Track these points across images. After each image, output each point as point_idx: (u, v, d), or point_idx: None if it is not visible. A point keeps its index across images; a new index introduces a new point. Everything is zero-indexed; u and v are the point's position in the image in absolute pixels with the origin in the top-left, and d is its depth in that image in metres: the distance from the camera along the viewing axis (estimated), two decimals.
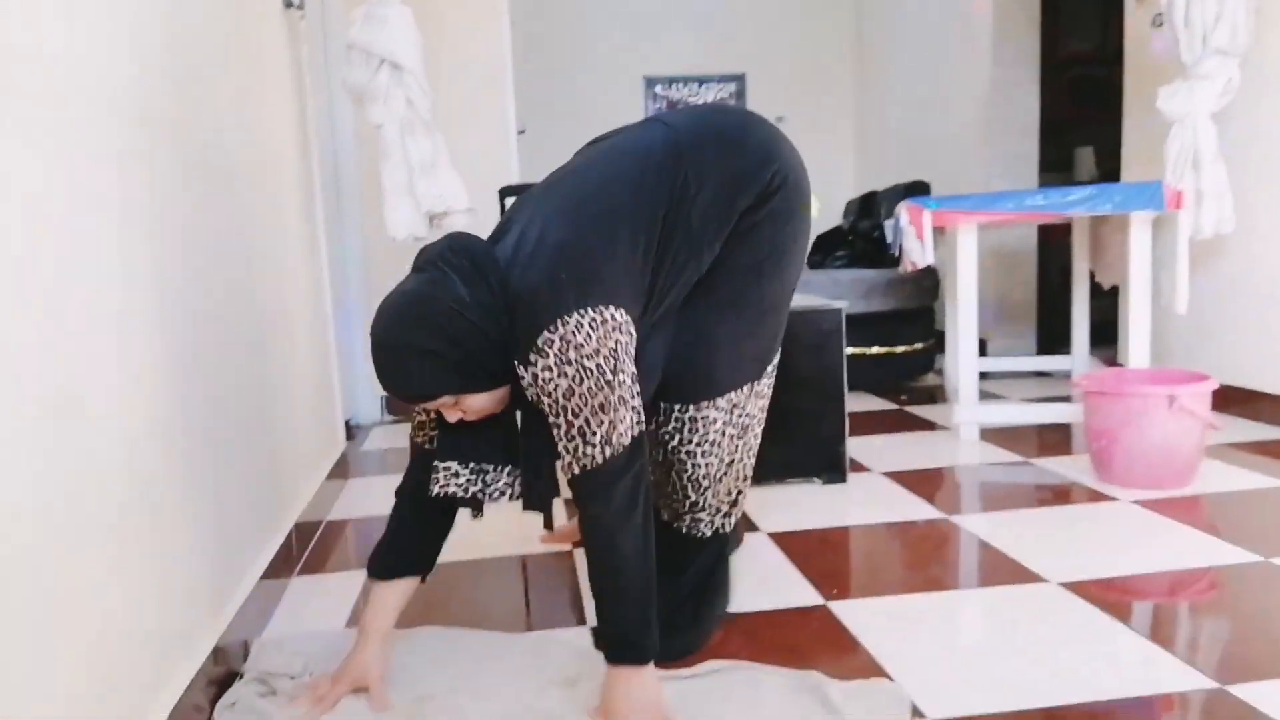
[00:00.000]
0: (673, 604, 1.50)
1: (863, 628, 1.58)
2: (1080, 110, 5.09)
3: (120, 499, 1.13)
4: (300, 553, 2.04)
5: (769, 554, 1.97)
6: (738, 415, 1.50)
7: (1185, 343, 3.29)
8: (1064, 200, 2.68)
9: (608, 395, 1.22)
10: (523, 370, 1.24)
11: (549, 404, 1.23)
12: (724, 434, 1.50)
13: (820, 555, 1.96)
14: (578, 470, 1.25)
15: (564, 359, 1.20)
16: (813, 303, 2.51)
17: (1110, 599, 1.66)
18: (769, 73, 6.28)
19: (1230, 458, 2.57)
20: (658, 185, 1.35)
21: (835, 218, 5.13)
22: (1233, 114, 2.91)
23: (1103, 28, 5.11)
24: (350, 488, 2.75)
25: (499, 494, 1.38)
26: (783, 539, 2.06)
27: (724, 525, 1.63)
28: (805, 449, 2.50)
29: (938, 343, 4.11)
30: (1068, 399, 3.35)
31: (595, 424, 1.22)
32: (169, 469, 1.30)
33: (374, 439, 3.46)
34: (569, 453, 1.24)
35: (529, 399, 1.29)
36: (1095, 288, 3.50)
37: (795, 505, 2.31)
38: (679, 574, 1.58)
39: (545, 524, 1.57)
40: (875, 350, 3.96)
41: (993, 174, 4.45)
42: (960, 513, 2.22)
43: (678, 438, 1.49)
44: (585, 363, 1.21)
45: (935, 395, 3.82)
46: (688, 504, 1.57)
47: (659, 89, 6.22)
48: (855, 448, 2.81)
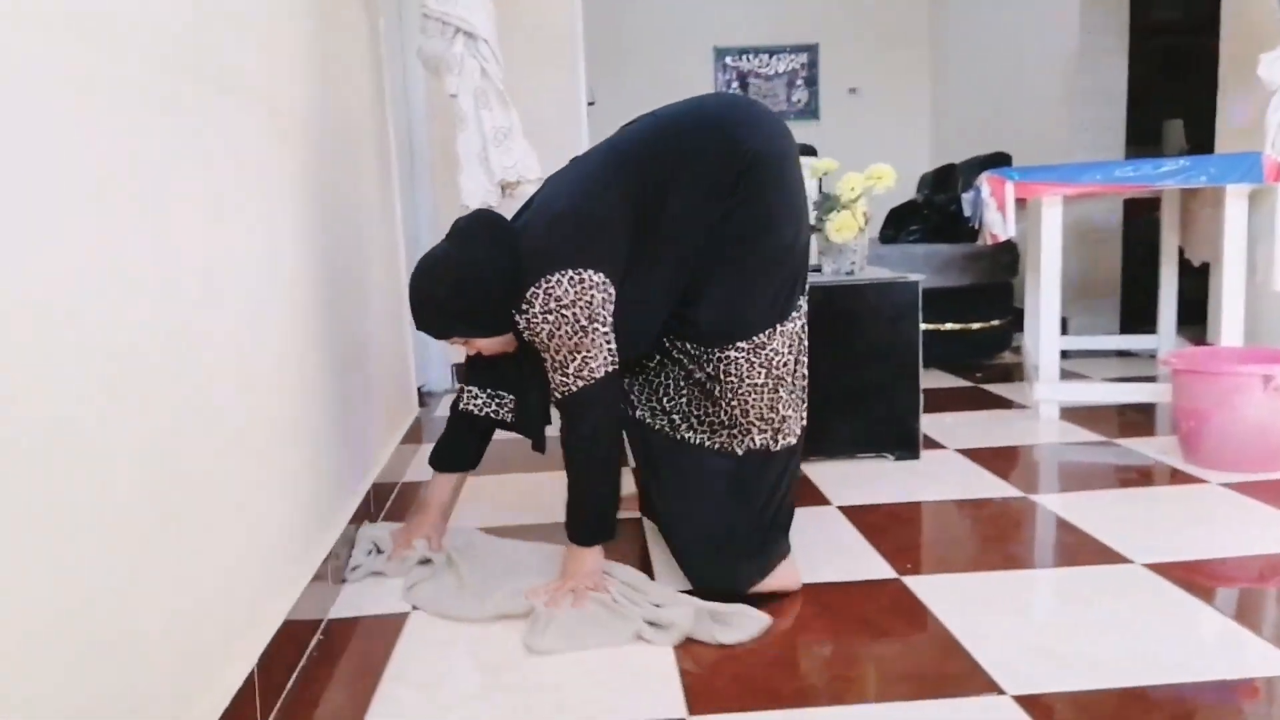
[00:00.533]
0: (741, 530, 1.64)
1: (937, 603, 1.56)
2: (1170, 80, 4.88)
3: (249, 447, 1.17)
4: (377, 512, 2.09)
5: (840, 528, 1.95)
6: (763, 354, 1.64)
7: (1279, 321, 3.15)
8: (1156, 172, 2.58)
9: (581, 339, 1.54)
10: (518, 316, 1.56)
11: (538, 344, 1.57)
12: (752, 367, 1.64)
13: (893, 530, 1.93)
14: (559, 396, 1.59)
15: (546, 308, 1.53)
16: (888, 276, 2.47)
17: (1197, 582, 1.60)
18: (842, 42, 6.15)
19: None
20: (632, 180, 1.61)
21: (909, 191, 5.02)
22: None
23: None
24: (423, 451, 2.80)
25: (510, 416, 1.83)
26: (854, 513, 2.04)
27: (770, 444, 1.68)
28: (878, 424, 2.46)
29: (1015, 320, 4.01)
30: (1152, 379, 3.24)
31: (571, 360, 1.55)
32: (275, 429, 1.34)
33: (444, 405, 3.51)
34: (554, 383, 1.59)
35: (525, 341, 1.61)
36: (1182, 265, 3.37)
37: (867, 481, 2.28)
38: (746, 498, 1.67)
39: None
40: (950, 326, 3.87)
41: (1076, 146, 4.30)
42: (1039, 492, 2.17)
43: (709, 373, 1.67)
44: (563, 312, 1.52)
45: (1012, 373, 3.73)
46: (736, 429, 1.67)
47: (729, 59, 6.14)
48: (928, 425, 2.76)
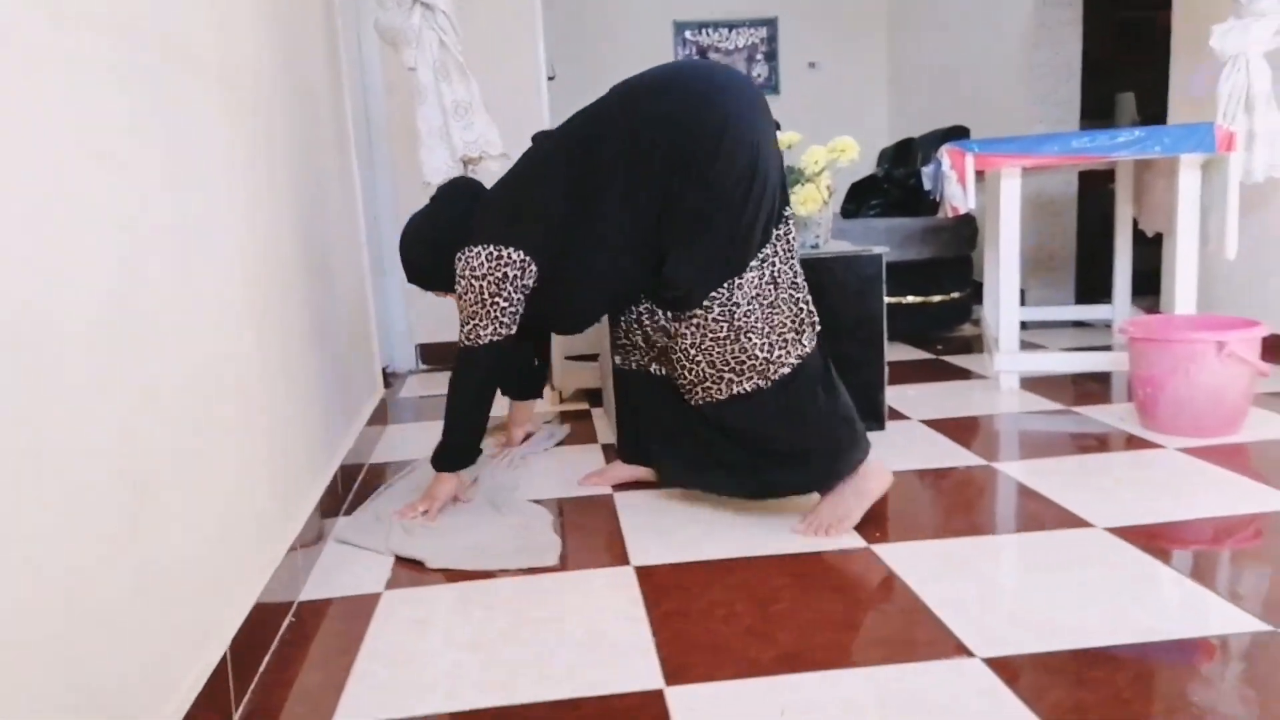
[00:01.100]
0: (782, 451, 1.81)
1: (907, 570, 1.58)
2: (1123, 53, 4.94)
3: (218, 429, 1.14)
4: (345, 493, 2.07)
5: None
6: (725, 307, 1.75)
7: (1231, 290, 3.23)
8: (1112, 142, 2.62)
9: (478, 309, 1.79)
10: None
11: (456, 301, 1.85)
12: (718, 321, 1.75)
13: None
14: (459, 346, 1.85)
15: (461, 274, 1.80)
16: (852, 249, 2.48)
17: (1157, 544, 1.64)
18: (801, 16, 6.14)
19: (1278, 406, 2.53)
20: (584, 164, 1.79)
21: (869, 166, 5.05)
22: None
23: None
24: (388, 433, 2.78)
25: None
26: None
27: (762, 382, 1.77)
28: None
29: (974, 293, 4.06)
30: (1108, 348, 3.31)
31: (466, 323, 1.82)
32: (238, 411, 1.32)
33: (409, 386, 3.49)
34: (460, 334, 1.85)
35: None
36: (1135, 236, 3.43)
37: None
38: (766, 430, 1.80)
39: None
40: (910, 300, 3.91)
41: (1032, 120, 4.34)
42: (1001, 460, 2.20)
43: (678, 335, 1.80)
44: (473, 281, 1.78)
45: (971, 345, 3.79)
46: (717, 378, 1.79)
47: (689, 34, 6.11)
48: (892, 396, 2.79)
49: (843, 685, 1.23)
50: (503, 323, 1.80)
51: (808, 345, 1.81)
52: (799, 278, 1.83)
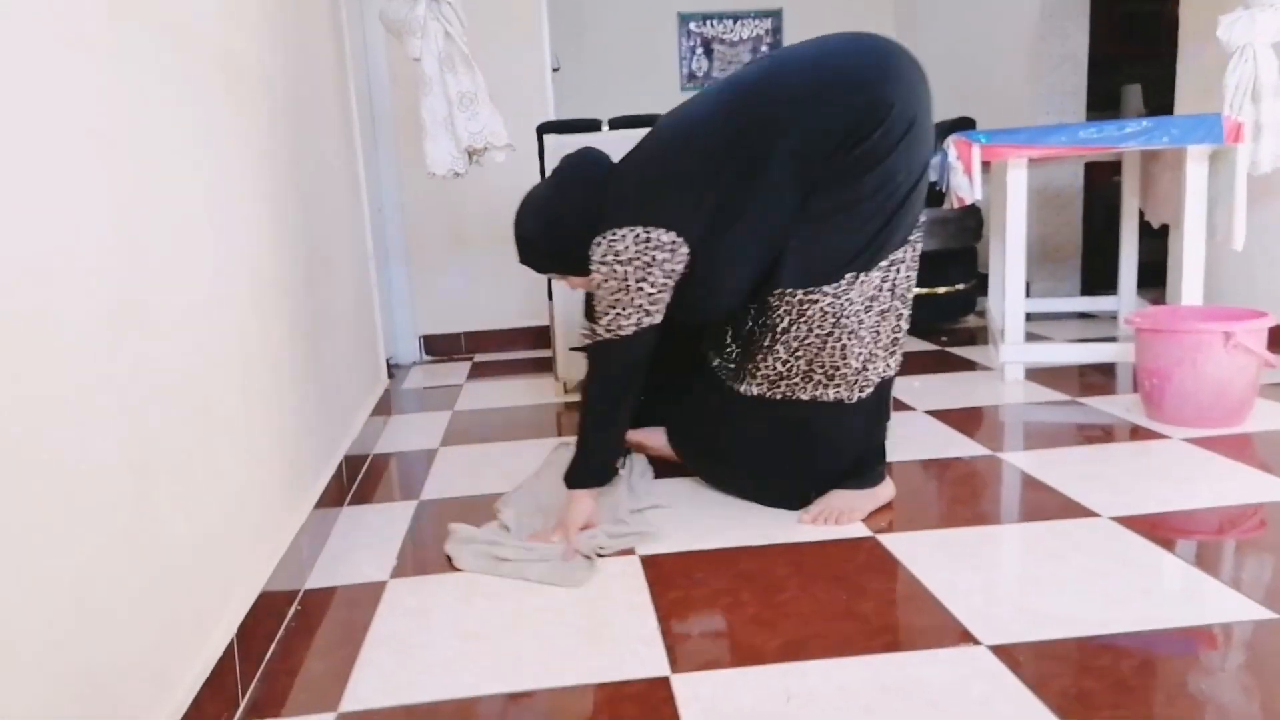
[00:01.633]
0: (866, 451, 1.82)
1: (912, 559, 1.58)
2: (1129, 46, 4.92)
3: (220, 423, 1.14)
4: (349, 484, 2.07)
5: None
6: (836, 301, 1.66)
7: (1237, 281, 3.21)
8: (1120, 133, 2.61)
9: (620, 295, 1.61)
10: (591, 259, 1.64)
11: (593, 287, 1.65)
12: (824, 314, 1.65)
13: None
14: (591, 342, 1.66)
15: (604, 259, 1.61)
16: None
17: (1162, 534, 1.64)
18: (806, 8, 6.12)
19: None
20: (741, 136, 1.61)
21: None
22: None
23: None
24: (392, 424, 2.78)
25: None
26: None
27: (850, 395, 1.75)
28: None
29: (980, 284, 4.05)
30: (1113, 339, 3.30)
31: (607, 313, 1.62)
32: (244, 402, 1.32)
33: (413, 378, 3.49)
34: (596, 327, 1.66)
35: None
36: (1141, 228, 3.42)
37: None
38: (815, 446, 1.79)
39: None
40: (916, 290, 3.90)
41: (1038, 112, 4.32)
42: (1006, 450, 2.20)
43: (777, 317, 1.69)
44: (616, 266, 1.60)
45: (976, 337, 3.78)
46: (806, 376, 1.72)
47: (693, 25, 6.09)
48: (897, 387, 2.76)
49: (848, 673, 1.23)
50: (649, 311, 1.62)
51: (894, 368, 1.78)
52: (910, 293, 1.75)
